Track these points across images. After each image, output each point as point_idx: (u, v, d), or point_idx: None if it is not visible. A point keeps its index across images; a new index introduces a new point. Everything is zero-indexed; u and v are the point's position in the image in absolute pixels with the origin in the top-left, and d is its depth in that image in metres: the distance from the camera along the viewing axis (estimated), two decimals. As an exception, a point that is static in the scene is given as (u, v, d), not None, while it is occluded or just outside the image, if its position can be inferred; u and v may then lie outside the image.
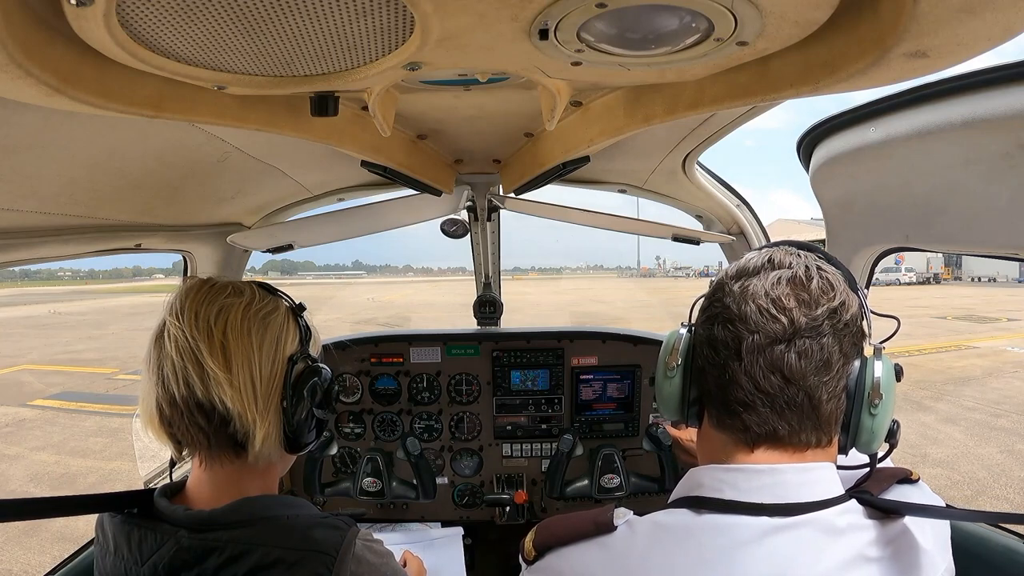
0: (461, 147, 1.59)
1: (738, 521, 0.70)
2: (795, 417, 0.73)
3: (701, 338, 0.81)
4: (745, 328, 0.74)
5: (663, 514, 0.77)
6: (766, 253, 0.79)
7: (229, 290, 0.95)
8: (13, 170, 0.99)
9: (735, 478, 0.74)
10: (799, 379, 0.72)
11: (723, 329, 0.76)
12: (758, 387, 0.73)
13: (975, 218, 1.08)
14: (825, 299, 0.73)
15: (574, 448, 2.10)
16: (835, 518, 0.71)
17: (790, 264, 0.76)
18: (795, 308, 0.73)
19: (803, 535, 0.69)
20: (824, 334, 0.73)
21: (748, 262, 0.79)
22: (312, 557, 0.83)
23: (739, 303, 0.75)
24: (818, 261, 0.78)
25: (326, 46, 0.73)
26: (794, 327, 0.72)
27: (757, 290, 0.75)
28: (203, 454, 0.92)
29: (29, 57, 0.61)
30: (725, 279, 0.80)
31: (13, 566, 4.81)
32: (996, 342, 14.72)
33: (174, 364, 0.87)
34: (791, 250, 0.80)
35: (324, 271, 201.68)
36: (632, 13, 0.67)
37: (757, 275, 0.76)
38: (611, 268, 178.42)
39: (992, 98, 0.81)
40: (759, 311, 0.73)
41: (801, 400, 0.73)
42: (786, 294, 0.74)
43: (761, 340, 0.73)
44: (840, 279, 0.77)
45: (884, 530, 0.72)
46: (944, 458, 6.79)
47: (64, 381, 12.17)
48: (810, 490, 0.72)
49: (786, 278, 0.75)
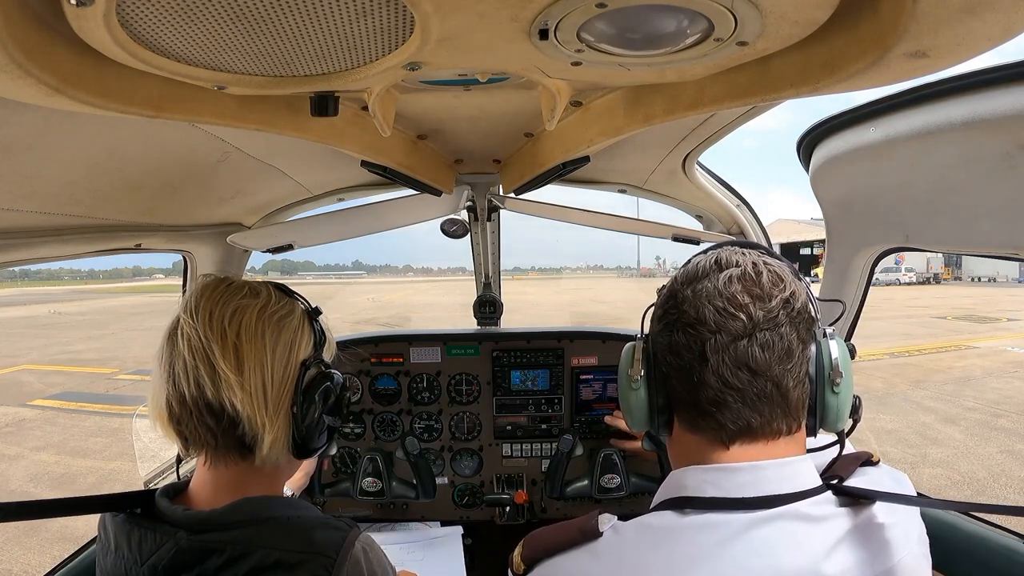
0: (461, 147, 1.59)
1: (722, 518, 0.72)
2: (766, 408, 0.75)
3: (661, 346, 0.82)
4: (706, 329, 0.76)
5: (648, 517, 0.77)
6: (712, 255, 0.81)
7: (245, 290, 0.94)
8: (13, 170, 0.99)
9: (717, 477, 0.76)
10: (765, 370, 0.74)
11: (683, 334, 0.78)
12: (727, 384, 0.75)
13: (975, 218, 1.08)
14: (777, 291, 0.76)
15: (574, 448, 2.10)
16: (812, 508, 0.73)
17: (737, 262, 0.78)
18: (750, 303, 0.75)
19: (785, 526, 0.71)
20: (781, 324, 0.75)
21: (696, 266, 0.81)
22: (312, 559, 0.82)
23: (696, 307, 0.77)
24: (763, 256, 0.81)
25: (326, 46, 0.73)
26: (753, 321, 0.74)
27: (711, 291, 0.77)
28: (209, 454, 0.91)
29: (29, 57, 0.61)
30: (676, 286, 0.82)
31: (13, 566, 4.81)
32: (996, 342, 14.73)
33: (186, 363, 0.86)
34: (735, 249, 0.82)
35: (324, 271, 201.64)
36: (632, 13, 0.67)
37: (707, 277, 0.78)
38: (611, 268, 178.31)
39: (992, 98, 0.81)
40: (717, 311, 0.75)
41: (770, 390, 0.75)
42: (739, 291, 0.76)
43: (724, 339, 0.75)
44: (786, 270, 0.80)
45: (858, 515, 0.74)
46: (944, 458, 6.78)
47: (64, 381, 12.16)
48: (789, 483, 0.74)
49: (736, 276, 0.77)
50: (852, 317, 1.72)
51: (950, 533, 1.42)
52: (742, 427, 0.76)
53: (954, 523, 1.44)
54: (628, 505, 2.25)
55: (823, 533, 0.71)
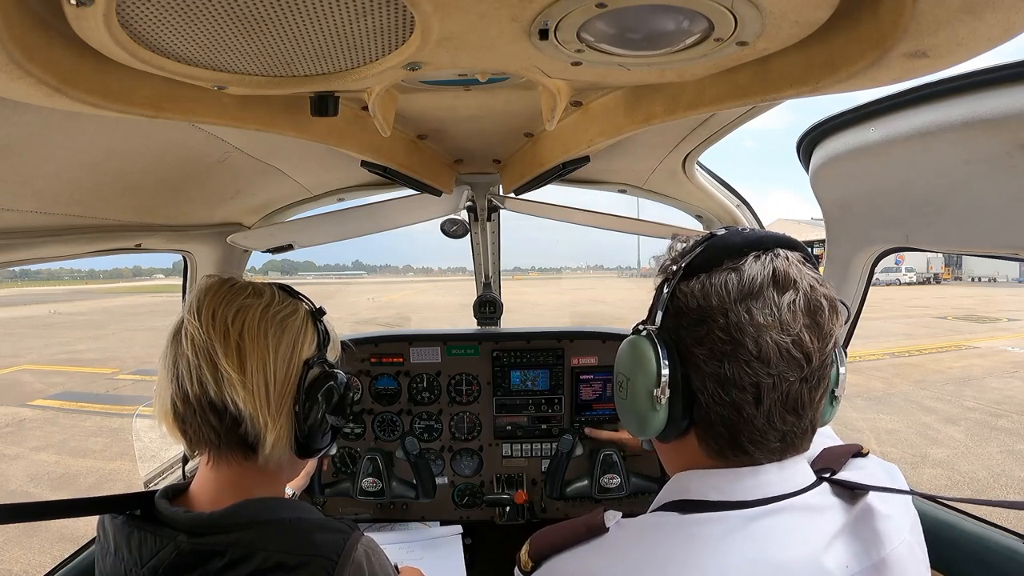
0: (461, 147, 1.59)
1: (724, 515, 0.72)
2: (801, 443, 0.75)
3: (701, 369, 0.72)
4: (765, 372, 0.68)
5: (651, 516, 0.77)
6: (767, 265, 0.71)
7: (249, 291, 0.94)
8: (13, 170, 0.99)
9: (719, 481, 0.75)
10: (809, 411, 0.73)
11: (738, 369, 0.69)
12: (772, 426, 0.71)
13: (975, 218, 1.08)
14: (835, 328, 0.72)
15: (574, 448, 2.10)
16: (815, 499, 0.74)
17: (795, 282, 0.70)
18: (813, 350, 0.69)
19: (786, 519, 0.71)
20: (830, 364, 0.73)
21: (749, 278, 0.70)
22: (312, 562, 0.82)
23: (757, 342, 0.68)
24: (813, 272, 0.74)
25: (326, 46, 0.73)
26: (811, 366, 0.70)
27: (772, 323, 0.68)
28: (212, 453, 0.91)
29: (29, 57, 0.61)
30: (726, 300, 0.70)
31: (13, 566, 4.81)
32: (996, 342, 14.72)
33: (189, 362, 0.87)
34: (788, 258, 0.73)
35: (324, 271, 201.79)
36: (632, 13, 0.67)
37: (762, 297, 0.69)
38: (611, 268, 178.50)
39: (992, 98, 0.81)
40: (779, 352, 0.68)
41: (805, 427, 0.74)
42: (804, 327, 0.69)
43: (780, 383, 0.69)
44: (830, 288, 0.74)
45: (853, 505, 0.75)
46: (944, 458, 6.78)
47: (64, 381, 12.17)
48: (789, 483, 0.75)
49: (801, 306, 0.69)
50: (852, 317, 1.72)
51: (950, 533, 1.42)
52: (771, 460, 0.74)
53: (954, 523, 1.44)
54: (628, 505, 2.25)
55: (823, 524, 0.72)
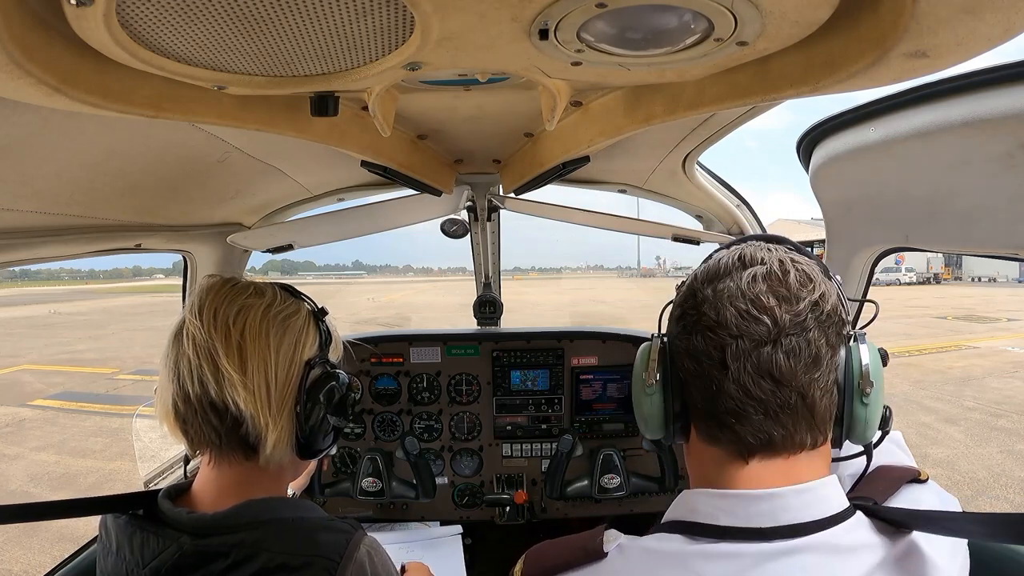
0: (461, 147, 1.59)
1: (735, 548, 0.66)
2: (790, 420, 0.70)
3: (679, 349, 0.75)
4: (727, 334, 0.69)
5: (655, 539, 0.73)
6: (736, 251, 0.75)
7: (251, 291, 0.94)
8: (13, 170, 0.99)
9: (731, 505, 0.70)
10: (790, 380, 0.68)
11: (702, 338, 0.72)
12: (749, 394, 0.69)
13: (975, 218, 1.07)
14: (805, 292, 0.70)
15: (574, 448, 2.10)
16: (841, 537, 0.66)
17: (762, 259, 0.72)
18: (776, 306, 0.69)
19: (807, 560, 0.64)
20: (809, 328, 0.69)
21: (718, 263, 0.75)
22: (315, 562, 0.82)
23: (716, 308, 0.71)
24: (790, 253, 0.74)
25: (326, 46, 0.72)
26: (778, 326, 0.68)
27: (733, 292, 0.70)
28: (214, 453, 0.91)
29: (29, 57, 0.61)
30: (696, 284, 0.75)
31: (14, 566, 4.81)
32: (996, 342, 14.72)
33: (190, 362, 0.87)
34: (761, 245, 0.75)
35: (324, 271, 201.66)
36: (632, 13, 0.67)
37: (730, 275, 0.72)
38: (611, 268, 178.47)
39: (992, 98, 0.81)
40: (739, 314, 0.69)
41: (795, 401, 0.69)
42: (764, 291, 0.69)
43: (746, 344, 0.69)
44: (815, 268, 0.74)
45: (894, 545, 0.67)
46: (944, 458, 6.78)
47: (64, 381, 12.17)
48: (812, 510, 0.68)
49: (761, 275, 0.70)
50: (853, 317, 1.72)
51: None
52: (763, 440, 0.70)
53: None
54: (628, 505, 2.25)
55: (852, 567, 0.65)
